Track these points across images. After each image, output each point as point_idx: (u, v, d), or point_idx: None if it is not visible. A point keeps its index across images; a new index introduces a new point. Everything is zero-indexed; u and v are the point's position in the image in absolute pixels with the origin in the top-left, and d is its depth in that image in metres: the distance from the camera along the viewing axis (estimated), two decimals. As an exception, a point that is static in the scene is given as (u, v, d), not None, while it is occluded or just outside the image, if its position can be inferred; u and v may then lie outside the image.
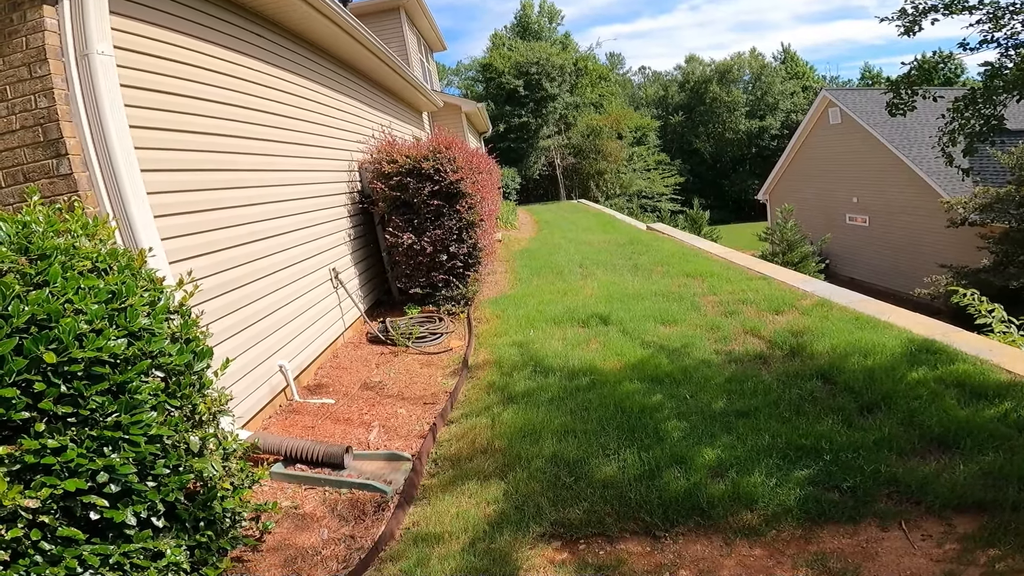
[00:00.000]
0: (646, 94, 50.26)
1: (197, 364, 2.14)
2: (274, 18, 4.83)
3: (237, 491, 2.25)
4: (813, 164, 21.29)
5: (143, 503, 1.79)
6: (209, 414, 2.20)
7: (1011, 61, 4.05)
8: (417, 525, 2.69)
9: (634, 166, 37.75)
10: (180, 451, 1.94)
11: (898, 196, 16.97)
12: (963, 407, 3.15)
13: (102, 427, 1.70)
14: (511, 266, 8.91)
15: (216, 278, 3.54)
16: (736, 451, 2.95)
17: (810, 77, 49.00)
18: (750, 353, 4.32)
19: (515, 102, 33.76)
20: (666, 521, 2.50)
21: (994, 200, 12.33)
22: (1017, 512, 2.31)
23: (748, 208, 37.53)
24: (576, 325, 5.41)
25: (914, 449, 2.84)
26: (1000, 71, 4.02)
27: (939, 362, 3.72)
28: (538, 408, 3.68)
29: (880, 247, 17.99)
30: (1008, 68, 4.02)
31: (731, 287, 6.27)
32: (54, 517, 1.61)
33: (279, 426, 3.91)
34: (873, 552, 2.24)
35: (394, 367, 4.95)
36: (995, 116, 4.26)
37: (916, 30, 3.97)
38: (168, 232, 3.15)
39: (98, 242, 2.12)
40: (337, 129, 6.22)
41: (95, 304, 1.76)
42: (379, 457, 3.37)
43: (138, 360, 1.84)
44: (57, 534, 1.61)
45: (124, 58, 2.97)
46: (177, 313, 2.21)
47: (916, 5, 3.92)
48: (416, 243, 6.10)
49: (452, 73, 42.19)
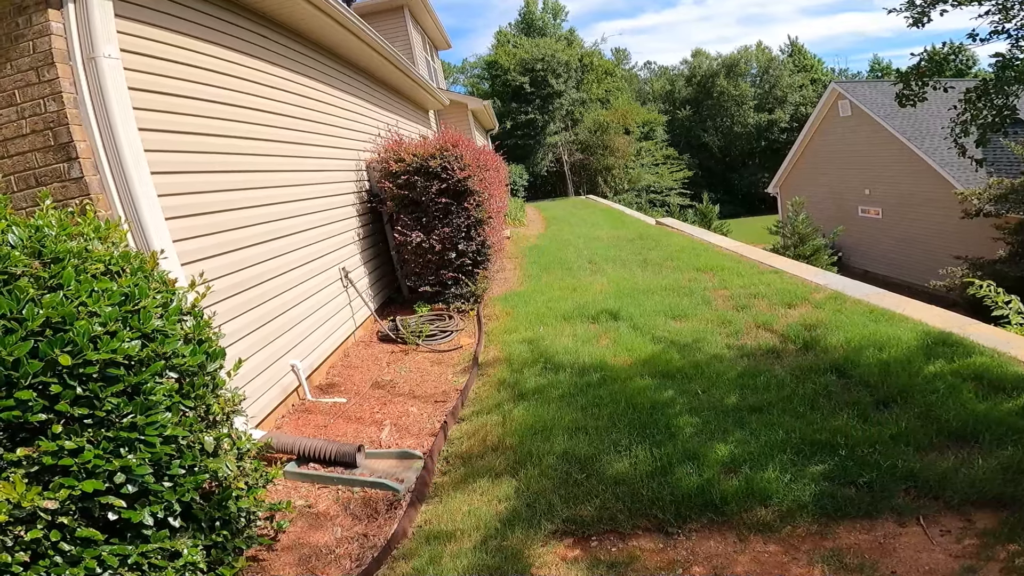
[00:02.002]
0: (653, 89, 49.91)
1: (210, 365, 2.15)
2: (281, 20, 4.84)
3: (252, 491, 2.27)
4: (824, 157, 21.08)
5: (160, 503, 1.81)
6: (223, 414, 2.21)
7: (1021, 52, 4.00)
8: (429, 523, 2.70)
9: (642, 161, 37.53)
10: (195, 451, 1.95)
11: (911, 188, 16.76)
12: (981, 401, 3.10)
13: (118, 428, 1.71)
14: (520, 263, 8.90)
15: (228, 279, 3.56)
16: (749, 447, 2.92)
17: (818, 70, 48.47)
18: (762, 347, 4.28)
19: (521, 99, 33.69)
20: (679, 517, 2.48)
21: (1009, 191, 12.14)
22: (1038, 507, 2.27)
23: (758, 202, 37.23)
24: (586, 321, 5.39)
25: (932, 444, 2.80)
26: (1012, 62, 3.97)
27: (956, 355, 3.67)
28: (549, 405, 3.67)
29: (894, 239, 17.79)
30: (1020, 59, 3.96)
31: (742, 281, 6.22)
32: (73, 518, 1.63)
33: (292, 425, 3.93)
34: (891, 548, 2.21)
35: (405, 365, 4.97)
36: (1008, 107, 4.21)
37: (925, 21, 3.91)
38: (179, 234, 3.17)
39: (110, 245, 2.13)
40: (345, 129, 6.24)
41: (109, 306, 1.78)
42: (391, 455, 3.38)
43: (152, 361, 1.85)
44: (76, 535, 1.62)
45: (132, 61, 2.99)
46: (190, 314, 2.22)
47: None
48: (425, 241, 6.11)
49: (458, 71, 42.20)
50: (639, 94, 47.83)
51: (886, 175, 17.83)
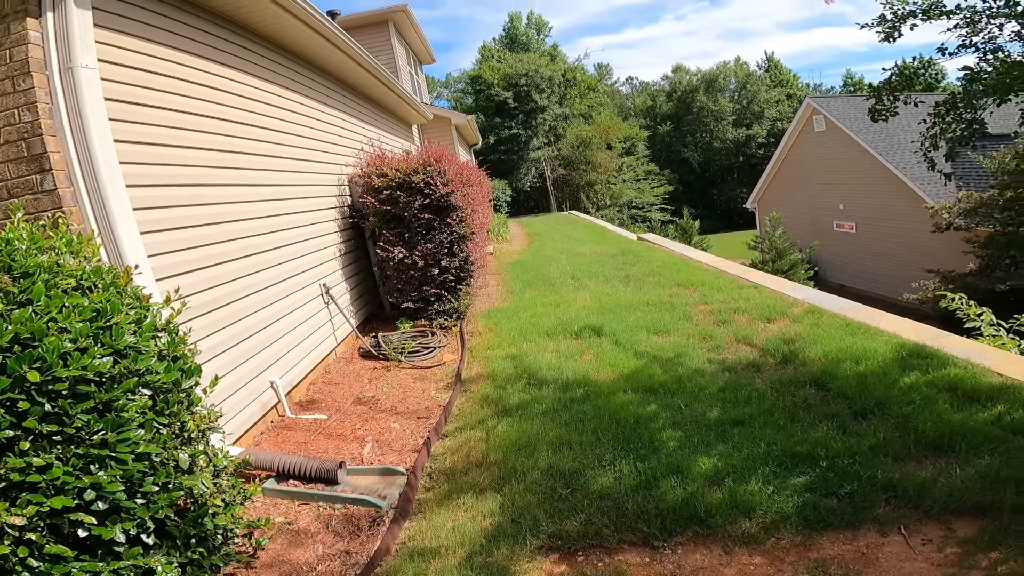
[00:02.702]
0: (634, 104, 50.76)
1: (185, 382, 2.10)
2: (263, 32, 4.83)
3: (229, 508, 2.22)
4: (800, 172, 21.52)
5: (132, 520, 1.77)
6: (199, 431, 2.17)
7: (989, 65, 4.05)
8: (413, 539, 2.65)
9: (624, 176, 38.04)
10: (169, 468, 1.90)
11: (883, 202, 17.16)
12: (956, 411, 3.16)
13: (88, 445, 1.67)
14: (503, 279, 8.90)
15: (205, 295, 3.50)
16: (732, 460, 2.93)
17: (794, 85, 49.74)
18: (743, 361, 4.32)
19: (505, 114, 33.99)
20: (664, 531, 2.47)
21: (978, 204, 12.49)
22: (1016, 515, 2.30)
23: (737, 216, 37.88)
24: (569, 337, 5.39)
25: (910, 454, 2.84)
26: (980, 75, 4.03)
27: (931, 367, 3.74)
28: (532, 420, 3.65)
29: (868, 253, 18.17)
30: (987, 72, 4.03)
31: (722, 296, 6.29)
32: (41, 534, 1.59)
33: (271, 442, 3.85)
34: (874, 558, 2.22)
35: (387, 382, 4.91)
36: (976, 120, 4.27)
37: (896, 36, 3.99)
38: (155, 248, 3.11)
39: (83, 259, 2.08)
40: (327, 143, 6.21)
41: (80, 322, 1.73)
42: (373, 472, 3.32)
43: (124, 378, 1.80)
44: (45, 551, 1.59)
45: (109, 71, 2.95)
46: (164, 331, 2.17)
47: (895, 11, 3.94)
48: (407, 257, 6.08)
49: (442, 85, 42.45)
50: (621, 109, 48.62)
51: (859, 190, 18.24)
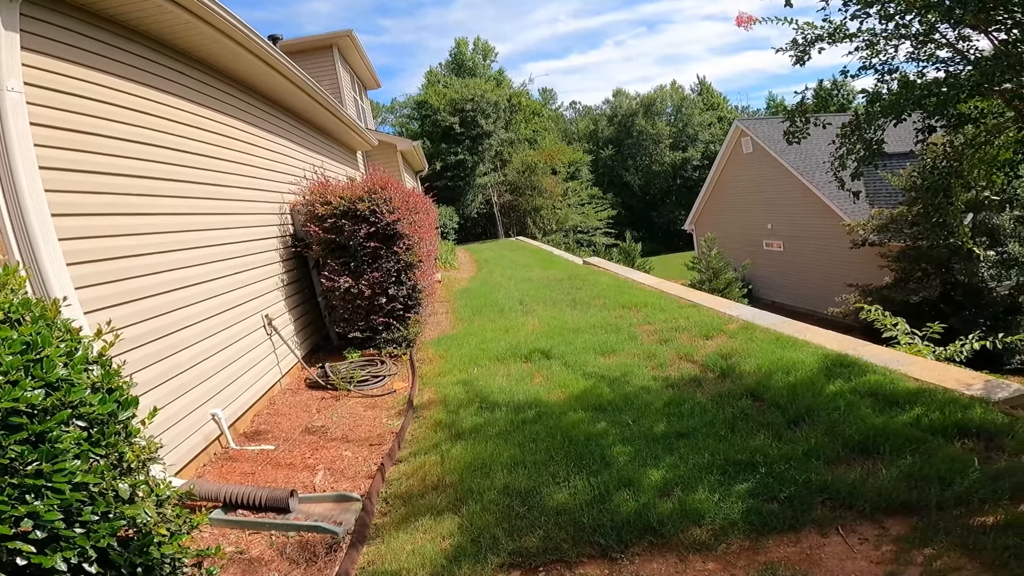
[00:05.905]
0: (578, 128, 52.09)
1: (122, 413, 2.01)
2: (201, 56, 4.73)
3: (175, 537, 2.13)
4: (732, 193, 22.59)
5: (73, 549, 1.71)
6: (138, 462, 2.08)
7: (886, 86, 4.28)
8: (373, 564, 2.60)
9: (569, 201, 38.86)
10: (108, 498, 1.84)
11: (806, 221, 18.24)
12: (878, 415, 3.39)
13: (23, 475, 1.63)
14: (452, 306, 8.89)
15: (139, 327, 3.34)
16: (680, 470, 3.04)
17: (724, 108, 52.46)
18: (685, 377, 4.49)
19: (451, 139, 34.10)
20: (620, 542, 2.52)
21: (889, 221, 13.46)
22: (943, 511, 2.47)
23: (677, 238, 39.37)
24: (519, 360, 5.45)
25: (839, 457, 3.02)
26: (879, 96, 4.26)
27: (853, 374, 4.02)
28: (487, 442, 3.65)
29: (795, 270, 19.23)
30: (885, 93, 4.25)
31: (664, 316, 6.53)
32: (-24, 563, 1.48)
33: (215, 473, 3.67)
34: (817, 558, 2.34)
35: (337, 411, 4.78)
36: (876, 140, 4.45)
37: (806, 59, 4.23)
38: (84, 280, 2.96)
39: (9, 292, 1.97)
40: (267, 170, 6.08)
41: (9, 355, 1.66)
42: (327, 499, 3.22)
43: (58, 410, 1.74)
44: (-18, 580, 1.48)
45: (36, 95, 2.82)
46: (97, 363, 2.08)
47: (805, 35, 4.18)
48: (354, 286, 5.97)
49: (387, 111, 42.12)
50: (565, 134, 49.77)
51: (785, 209, 19.32)
